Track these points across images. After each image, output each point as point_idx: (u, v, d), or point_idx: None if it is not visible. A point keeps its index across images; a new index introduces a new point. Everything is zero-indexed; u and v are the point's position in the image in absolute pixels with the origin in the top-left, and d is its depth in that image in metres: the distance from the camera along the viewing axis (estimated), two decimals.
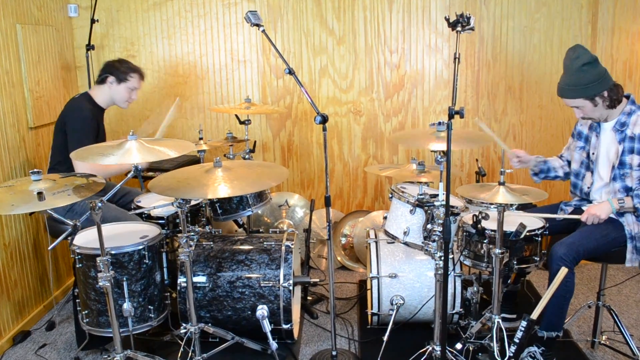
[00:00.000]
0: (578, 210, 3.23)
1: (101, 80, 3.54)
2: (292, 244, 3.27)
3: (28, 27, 3.71)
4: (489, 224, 2.95)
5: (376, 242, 3.40)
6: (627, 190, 2.96)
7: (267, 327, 3.02)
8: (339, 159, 4.67)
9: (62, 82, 4.17)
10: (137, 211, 3.32)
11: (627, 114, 2.96)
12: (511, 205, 2.92)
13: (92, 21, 4.26)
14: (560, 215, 3.23)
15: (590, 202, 3.16)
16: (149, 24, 4.49)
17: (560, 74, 3.05)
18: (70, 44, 4.40)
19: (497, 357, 2.78)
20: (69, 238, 2.59)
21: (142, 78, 3.65)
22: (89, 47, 4.30)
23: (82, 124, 3.40)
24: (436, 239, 2.71)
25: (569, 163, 3.33)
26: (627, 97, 3.00)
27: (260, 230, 4.07)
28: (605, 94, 2.93)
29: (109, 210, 3.30)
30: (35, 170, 2.43)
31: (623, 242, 2.94)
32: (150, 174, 3.98)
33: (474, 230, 2.97)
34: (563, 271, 2.66)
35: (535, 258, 3.09)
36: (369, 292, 3.36)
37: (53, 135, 3.52)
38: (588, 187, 3.16)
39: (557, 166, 3.37)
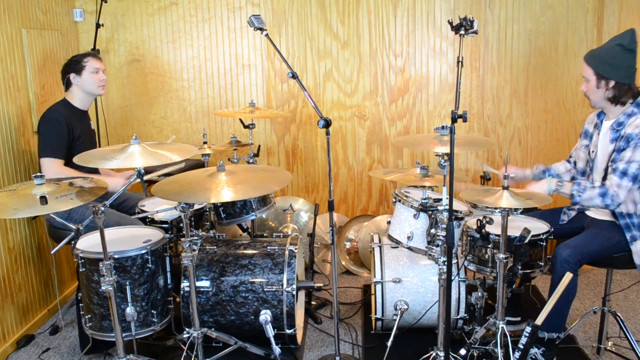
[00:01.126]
0: (581, 213, 3.22)
1: (67, 85, 3.54)
2: (295, 249, 3.26)
3: (33, 32, 3.72)
4: (493, 229, 2.93)
5: (380, 247, 3.39)
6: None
7: (270, 332, 3.01)
8: (343, 163, 4.67)
9: None
10: (141, 215, 3.32)
11: (628, 115, 2.92)
12: (515, 209, 2.91)
13: (98, 25, 4.29)
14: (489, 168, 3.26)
15: None
16: (154, 28, 4.50)
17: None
18: (75, 49, 4.41)
19: None
20: (72, 242, 2.59)
21: (97, 58, 3.60)
22: (94, 51, 4.31)
23: (48, 126, 3.41)
24: (440, 243, 2.69)
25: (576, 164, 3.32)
26: (637, 103, 2.97)
27: (265, 235, 4.07)
28: (612, 84, 2.90)
29: (110, 216, 3.30)
30: (38, 174, 2.43)
31: (627, 247, 2.92)
32: (154, 178, 3.97)
33: (478, 235, 2.95)
34: (568, 276, 2.64)
35: (540, 263, 3.06)
36: (372, 297, 3.35)
37: None
38: None
39: (563, 171, 3.35)
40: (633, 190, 2.84)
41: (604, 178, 2.97)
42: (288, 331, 3.16)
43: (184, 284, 3.12)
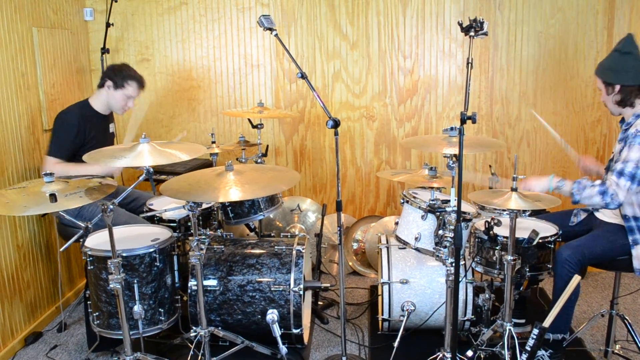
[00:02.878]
0: (591, 215, 3.20)
1: (100, 84, 3.58)
2: (303, 249, 3.26)
3: (44, 31, 3.75)
4: (501, 231, 2.93)
5: (387, 248, 3.39)
6: None
7: (277, 331, 3.02)
8: (351, 164, 4.67)
9: (77, 85, 4.21)
10: (149, 214, 3.33)
11: (637, 116, 2.93)
12: (524, 211, 2.90)
13: (108, 25, 4.30)
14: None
15: None
16: (164, 28, 4.52)
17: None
18: (85, 48, 4.44)
19: None
20: (81, 240, 2.60)
21: (141, 87, 3.63)
22: (104, 50, 4.34)
23: (58, 127, 3.46)
24: (447, 245, 2.69)
25: None
26: None
27: (272, 235, 4.07)
28: (617, 88, 2.92)
29: (118, 215, 3.31)
30: (47, 172, 2.44)
31: (630, 250, 2.91)
32: (162, 177, 3.99)
33: (486, 237, 2.95)
34: (575, 279, 2.63)
35: (548, 265, 3.06)
36: (379, 297, 3.35)
37: None
38: None
39: None
40: (638, 192, 2.83)
41: None
42: (295, 331, 3.16)
43: (192, 283, 3.13)
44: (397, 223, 3.15)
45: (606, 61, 3.01)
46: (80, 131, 3.46)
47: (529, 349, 2.65)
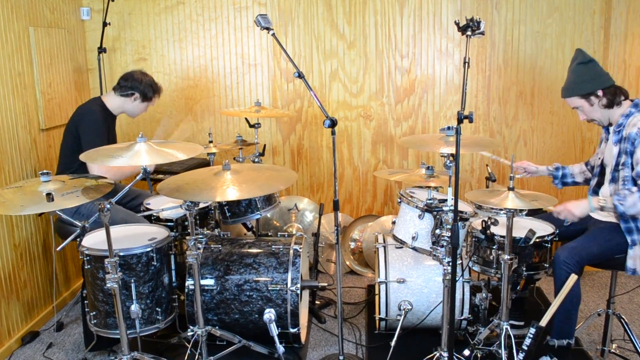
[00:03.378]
0: (587, 215, 3.21)
1: (125, 94, 3.57)
2: (300, 248, 3.26)
3: (41, 30, 3.74)
4: (498, 230, 2.93)
5: (384, 247, 3.39)
6: None
7: (274, 330, 3.01)
8: (348, 163, 4.67)
9: (74, 85, 4.20)
10: (146, 213, 3.33)
11: (626, 115, 2.94)
12: (521, 211, 2.90)
13: (104, 24, 4.29)
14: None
15: None
16: (161, 28, 4.51)
17: None
18: (82, 47, 4.43)
19: None
20: (78, 239, 2.60)
21: (159, 96, 3.74)
22: (101, 50, 4.33)
23: (94, 125, 3.44)
24: (445, 244, 2.69)
25: (593, 168, 3.32)
26: (635, 103, 2.97)
27: (269, 234, 4.07)
28: (600, 92, 2.95)
29: (117, 213, 3.31)
30: (44, 171, 2.44)
31: (626, 249, 2.91)
32: (159, 176, 3.99)
33: (483, 236, 2.96)
34: (572, 278, 2.64)
35: (545, 265, 3.06)
36: (376, 297, 3.35)
37: (62, 138, 3.55)
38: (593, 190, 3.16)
39: (576, 172, 3.37)
40: None
41: (612, 179, 2.97)
42: (292, 330, 3.16)
43: (189, 282, 3.13)
44: (394, 222, 3.15)
45: (574, 78, 3.02)
46: (105, 128, 3.50)
47: (525, 348, 2.66)
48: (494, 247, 3.00)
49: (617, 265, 2.98)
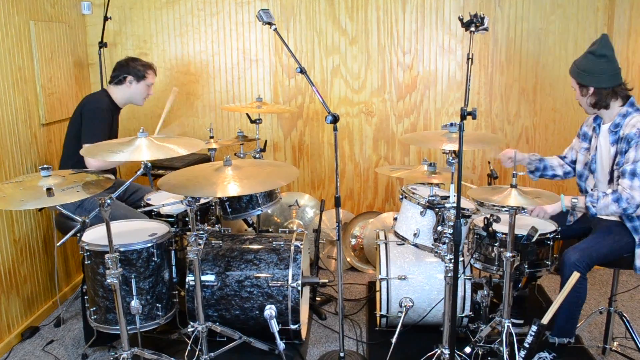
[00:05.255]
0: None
1: (119, 81, 3.58)
2: (301, 244, 3.25)
3: (41, 24, 3.72)
4: (500, 227, 2.92)
5: (386, 244, 3.38)
6: None
7: (274, 327, 3.01)
8: (350, 160, 4.66)
9: (74, 79, 4.18)
10: (147, 208, 3.32)
11: (623, 115, 2.93)
12: (523, 208, 2.88)
13: (105, 18, 4.28)
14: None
15: None
16: (162, 22, 4.50)
17: None
18: (83, 41, 4.41)
19: None
20: (78, 234, 2.59)
21: (155, 73, 3.71)
22: (102, 44, 4.32)
23: (98, 114, 3.45)
24: (446, 241, 2.68)
25: (573, 162, 3.31)
26: (631, 102, 2.96)
27: (270, 230, 4.06)
28: (591, 90, 2.95)
29: (117, 208, 3.30)
30: (44, 166, 2.43)
31: (634, 248, 2.90)
32: (160, 172, 3.98)
33: (484, 233, 2.95)
34: (575, 276, 2.63)
35: (547, 262, 3.05)
36: (377, 293, 3.34)
37: (67, 128, 3.54)
38: (591, 189, 3.14)
39: (556, 165, 3.37)
40: None
41: (610, 180, 2.96)
42: (292, 327, 3.15)
43: (189, 278, 3.12)
44: (395, 219, 3.14)
45: (581, 62, 3.02)
46: (109, 118, 3.50)
47: (527, 345, 2.65)
48: (496, 245, 2.99)
49: (624, 264, 2.98)
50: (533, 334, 2.63)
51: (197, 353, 2.91)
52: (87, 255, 2.80)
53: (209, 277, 3.15)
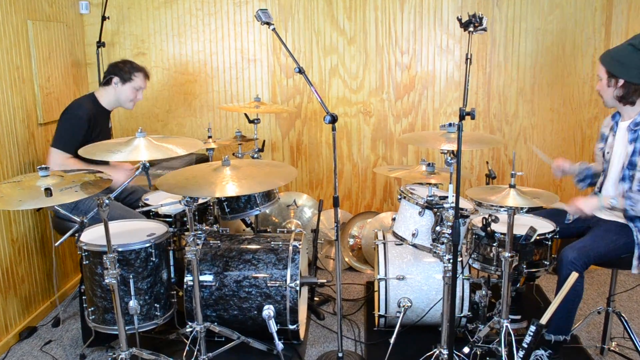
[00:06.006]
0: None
1: (106, 82, 3.57)
2: (299, 244, 3.25)
3: (39, 24, 3.71)
4: (499, 227, 2.92)
5: (384, 244, 3.38)
6: None
7: (273, 327, 3.00)
8: (348, 160, 4.65)
9: (72, 79, 4.18)
10: (145, 209, 3.31)
11: None
12: (521, 208, 2.88)
13: (103, 18, 4.27)
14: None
15: None
16: (160, 22, 4.49)
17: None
18: (81, 41, 4.41)
19: None
20: (76, 235, 2.58)
21: (147, 77, 3.66)
22: (100, 44, 4.31)
23: (74, 121, 3.41)
24: (445, 241, 2.68)
25: None
26: None
27: (268, 230, 4.06)
28: (621, 82, 2.89)
29: (114, 209, 3.29)
30: (42, 166, 2.42)
31: (633, 248, 2.90)
32: (158, 172, 3.97)
33: (483, 233, 2.94)
34: (573, 276, 2.63)
35: (545, 262, 3.05)
36: (376, 293, 3.34)
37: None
38: (597, 188, 3.13)
39: (600, 170, 3.33)
40: None
41: (623, 179, 2.94)
42: (291, 327, 3.15)
43: (187, 278, 3.12)
44: (394, 219, 3.13)
45: (616, 52, 2.94)
46: (90, 127, 3.44)
47: (525, 345, 2.65)
48: (495, 245, 2.99)
49: (622, 264, 2.97)
50: (532, 334, 2.63)
51: (195, 353, 2.90)
52: (85, 255, 2.80)
53: (207, 277, 3.15)
